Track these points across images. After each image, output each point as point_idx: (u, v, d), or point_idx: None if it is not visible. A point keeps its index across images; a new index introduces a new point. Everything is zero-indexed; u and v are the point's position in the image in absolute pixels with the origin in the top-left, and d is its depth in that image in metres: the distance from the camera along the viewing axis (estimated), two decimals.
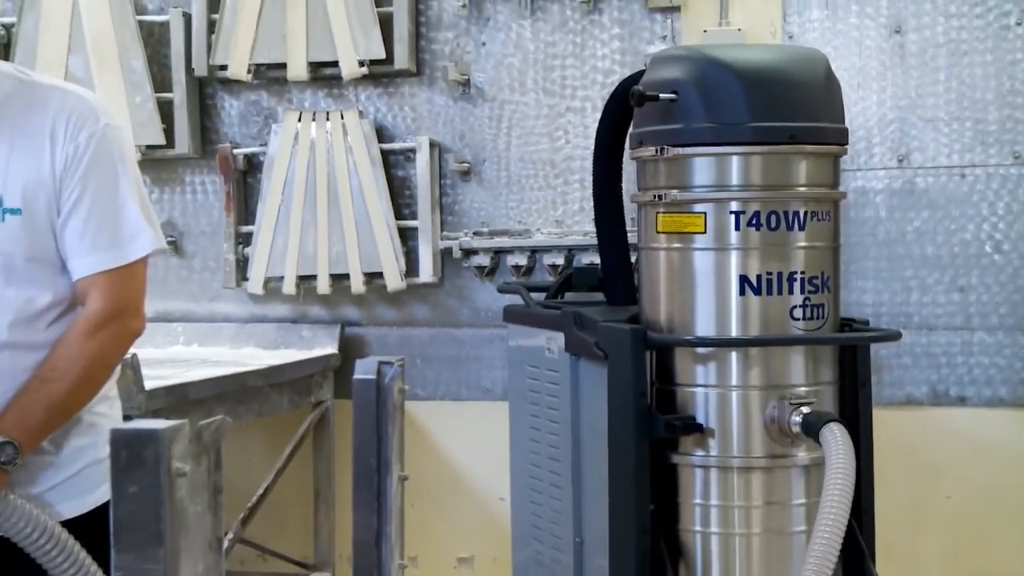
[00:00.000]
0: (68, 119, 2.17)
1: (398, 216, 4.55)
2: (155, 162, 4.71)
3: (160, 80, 4.64)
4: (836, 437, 2.51)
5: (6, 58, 4.64)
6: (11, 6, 4.74)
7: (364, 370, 1.61)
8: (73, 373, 2.17)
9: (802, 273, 2.66)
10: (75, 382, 2.18)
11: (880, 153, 4.28)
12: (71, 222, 2.17)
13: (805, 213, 2.67)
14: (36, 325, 2.19)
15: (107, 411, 2.33)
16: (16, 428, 2.11)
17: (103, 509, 2.25)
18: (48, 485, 2.25)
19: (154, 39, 4.69)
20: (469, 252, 4.54)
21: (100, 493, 2.28)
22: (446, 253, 4.56)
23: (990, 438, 4.25)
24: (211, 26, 4.59)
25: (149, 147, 4.62)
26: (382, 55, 4.48)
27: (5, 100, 2.17)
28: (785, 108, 2.67)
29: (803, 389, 2.68)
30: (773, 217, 2.65)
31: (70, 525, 2.21)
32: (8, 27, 4.71)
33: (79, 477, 2.28)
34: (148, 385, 3.34)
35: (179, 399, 3.57)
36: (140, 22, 4.64)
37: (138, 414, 3.24)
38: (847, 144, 2.80)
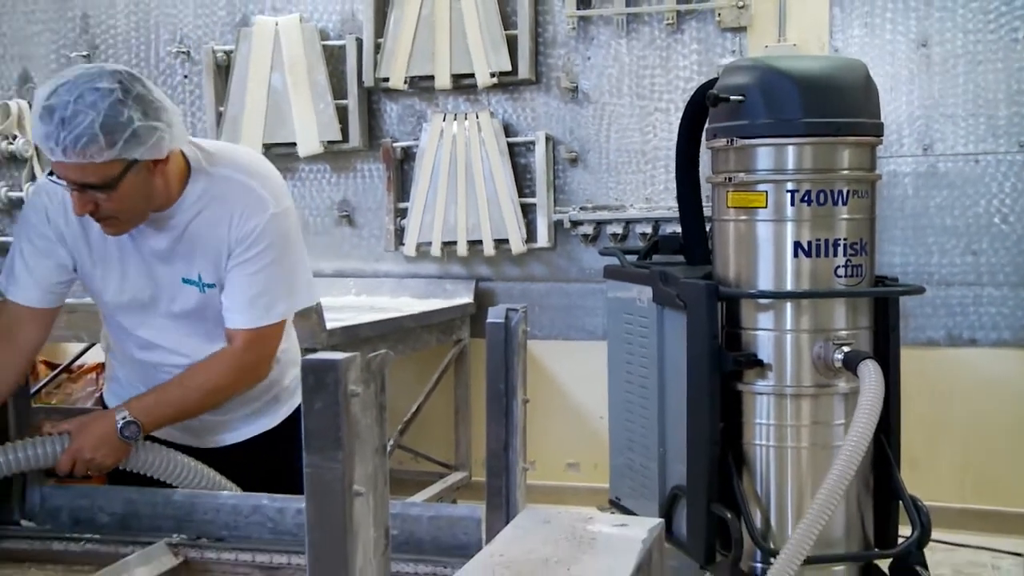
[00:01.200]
0: (242, 212, 2.11)
1: (520, 195, 4.54)
2: (334, 154, 4.76)
3: (338, 90, 4.68)
4: (870, 371, 2.47)
5: (227, 77, 4.74)
6: (230, 37, 4.83)
7: (495, 315, 1.60)
8: (204, 388, 2.16)
9: (844, 239, 2.61)
10: (202, 395, 2.16)
11: (908, 143, 4.17)
12: (228, 284, 2.14)
13: (847, 191, 2.61)
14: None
15: (288, 347, 2.35)
16: (144, 412, 2.10)
17: (288, 421, 2.35)
18: (252, 408, 2.32)
19: (334, 58, 4.72)
20: (576, 223, 4.51)
21: (285, 409, 2.35)
22: (558, 224, 4.55)
23: (995, 373, 4.15)
24: (377, 48, 4.61)
25: (330, 142, 4.68)
26: (508, 68, 4.47)
27: (199, 198, 2.12)
28: (832, 107, 2.61)
29: (844, 332, 2.63)
30: (821, 195, 2.60)
31: (266, 436, 2.31)
32: (228, 53, 4.79)
33: (271, 399, 2.34)
34: (329, 326, 3.39)
35: (352, 337, 3.62)
36: (324, 46, 4.69)
37: (321, 348, 3.29)
38: (882, 136, 2.73)
